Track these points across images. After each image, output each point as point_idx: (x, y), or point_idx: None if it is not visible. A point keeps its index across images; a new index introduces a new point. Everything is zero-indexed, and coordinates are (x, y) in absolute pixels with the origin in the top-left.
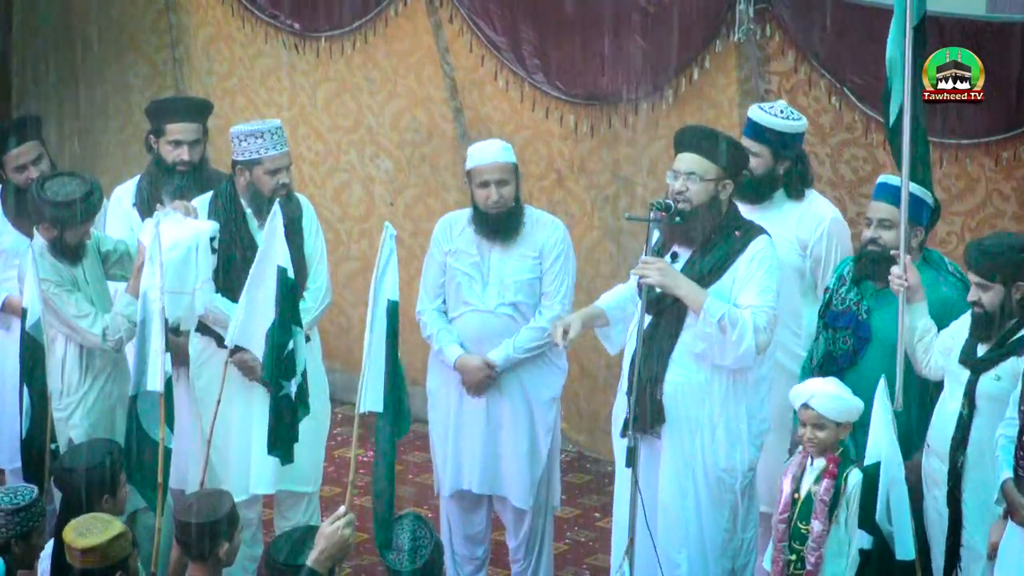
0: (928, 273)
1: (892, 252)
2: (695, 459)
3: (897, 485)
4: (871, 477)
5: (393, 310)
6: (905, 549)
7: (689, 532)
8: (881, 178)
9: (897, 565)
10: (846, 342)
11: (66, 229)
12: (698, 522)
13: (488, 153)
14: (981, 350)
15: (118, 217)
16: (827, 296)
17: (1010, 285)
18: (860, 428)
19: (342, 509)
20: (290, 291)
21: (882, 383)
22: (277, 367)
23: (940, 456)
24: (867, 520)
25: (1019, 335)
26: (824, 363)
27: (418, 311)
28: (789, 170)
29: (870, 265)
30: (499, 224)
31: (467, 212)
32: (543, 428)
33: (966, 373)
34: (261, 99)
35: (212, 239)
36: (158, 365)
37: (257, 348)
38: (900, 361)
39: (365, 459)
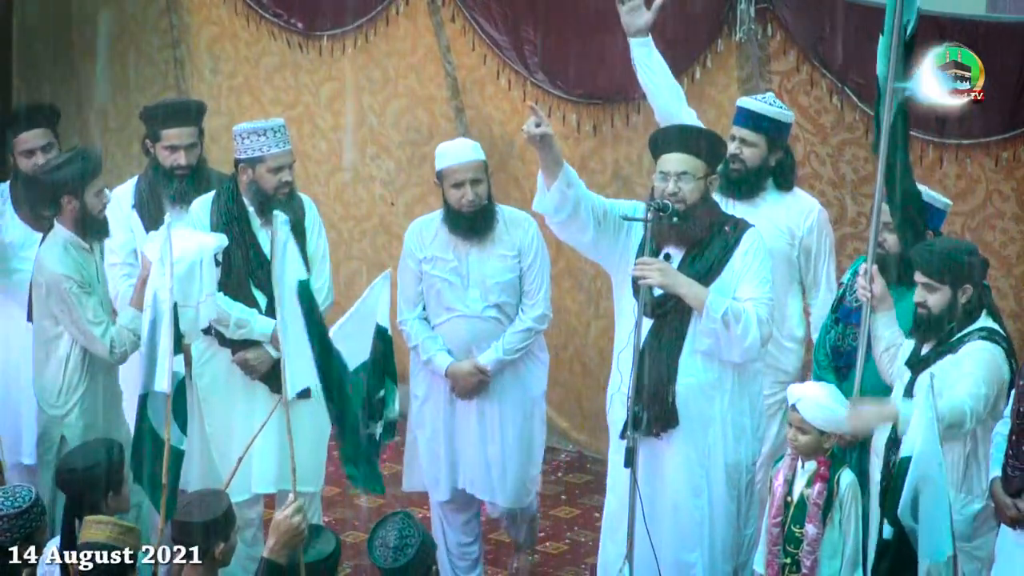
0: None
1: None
2: (707, 457)
3: (929, 484)
4: (903, 470)
5: (304, 288)
6: (933, 550)
7: (703, 532)
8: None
9: (915, 560)
10: (855, 339)
11: (84, 190)
12: (710, 521)
13: (460, 152)
14: (925, 351)
15: (118, 219)
16: (840, 291)
17: (957, 288)
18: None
19: (291, 497)
20: (388, 346)
21: (927, 380)
22: (366, 409)
23: (877, 454)
24: (891, 512)
25: (959, 335)
26: (832, 357)
27: (399, 321)
28: (781, 161)
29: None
30: (474, 223)
31: (436, 216)
32: (536, 423)
33: (909, 373)
34: (267, 97)
35: (216, 253)
36: (166, 366)
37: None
38: (859, 373)
39: None
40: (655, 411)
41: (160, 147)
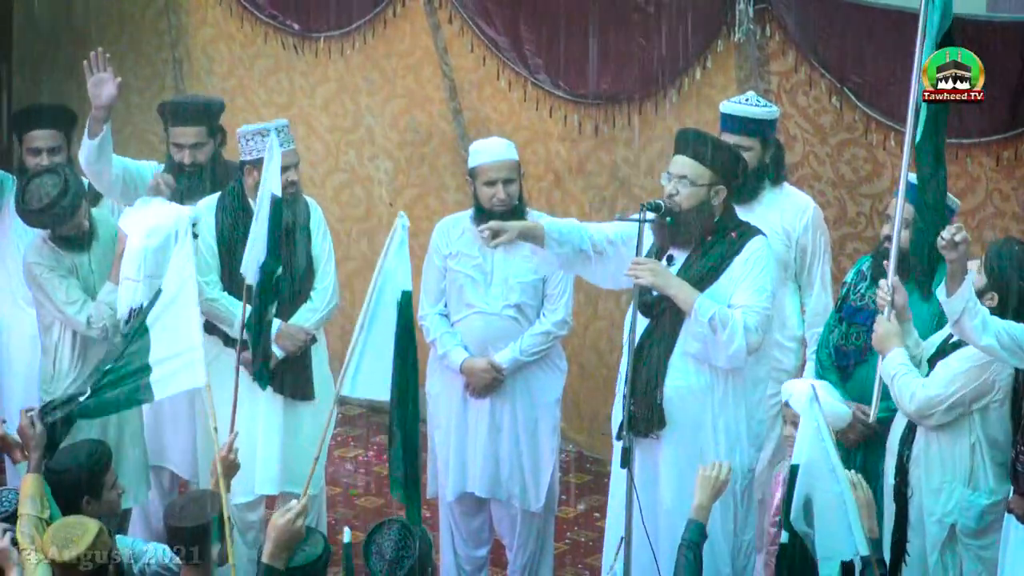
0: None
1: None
2: (699, 461)
3: (819, 490)
4: (793, 479)
5: (407, 300)
6: (834, 552)
7: None
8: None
9: (811, 565)
10: (858, 338)
11: (55, 227)
12: None
13: (494, 151)
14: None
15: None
16: (844, 290)
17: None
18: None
19: (294, 502)
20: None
21: (810, 390)
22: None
23: (891, 452)
24: (786, 518)
25: None
26: (835, 356)
27: (420, 316)
28: (772, 155)
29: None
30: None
31: (466, 214)
32: (548, 430)
33: (927, 368)
34: (260, 99)
35: (194, 224)
36: (197, 359)
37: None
38: (878, 376)
39: (364, 459)
40: (643, 411)
41: (170, 143)
